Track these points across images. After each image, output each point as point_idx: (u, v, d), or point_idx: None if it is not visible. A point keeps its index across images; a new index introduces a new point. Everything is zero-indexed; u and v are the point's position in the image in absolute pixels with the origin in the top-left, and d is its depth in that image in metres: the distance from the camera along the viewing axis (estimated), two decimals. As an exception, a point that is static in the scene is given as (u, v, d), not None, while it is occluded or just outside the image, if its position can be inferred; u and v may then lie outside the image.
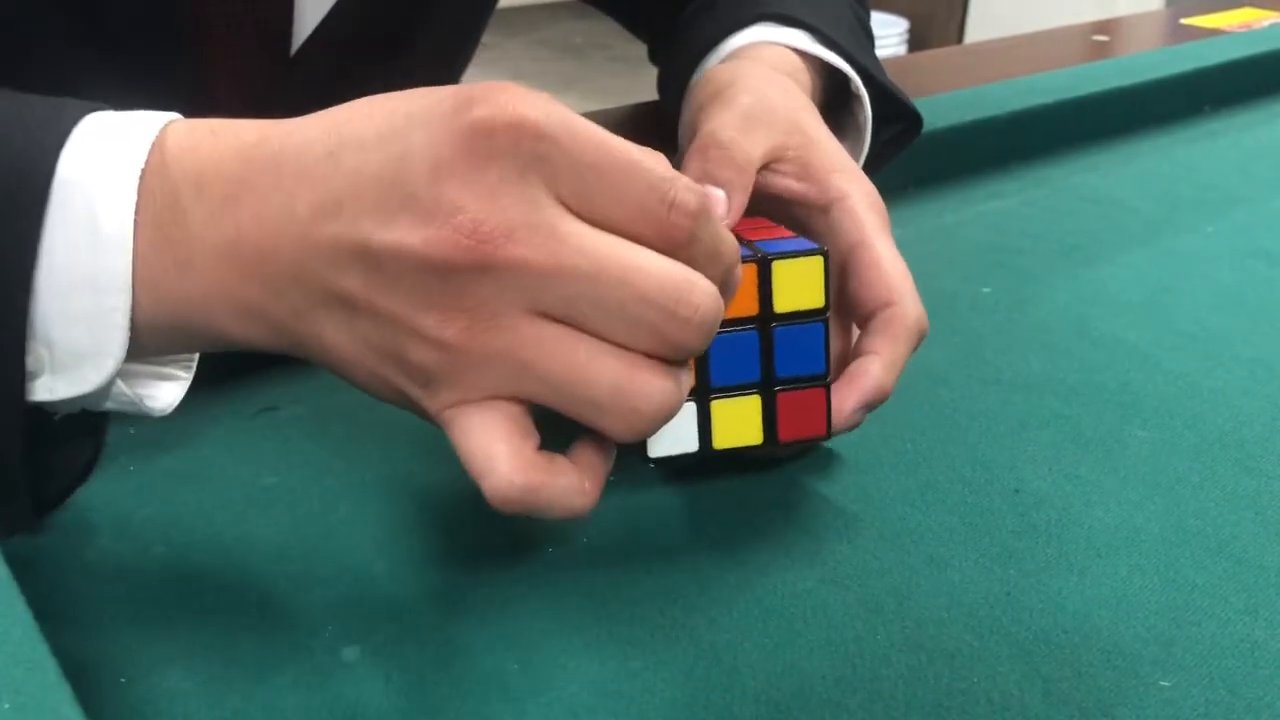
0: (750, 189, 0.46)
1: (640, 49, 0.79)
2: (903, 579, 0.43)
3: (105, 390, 0.36)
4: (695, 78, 0.57)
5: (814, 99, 0.59)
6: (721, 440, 0.42)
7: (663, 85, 0.70)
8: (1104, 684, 0.39)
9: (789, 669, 0.39)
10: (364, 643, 0.39)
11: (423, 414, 0.35)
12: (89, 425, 0.39)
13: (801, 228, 0.49)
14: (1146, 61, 0.95)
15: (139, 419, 0.50)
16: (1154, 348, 0.60)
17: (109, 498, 0.46)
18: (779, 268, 0.40)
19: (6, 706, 0.30)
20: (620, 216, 0.32)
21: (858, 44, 0.63)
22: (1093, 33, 1.09)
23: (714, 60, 0.60)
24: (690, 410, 0.41)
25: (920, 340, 0.45)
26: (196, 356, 0.40)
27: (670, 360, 0.33)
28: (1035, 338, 0.61)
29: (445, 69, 0.73)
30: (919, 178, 0.80)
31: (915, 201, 0.78)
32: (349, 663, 0.39)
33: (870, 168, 0.65)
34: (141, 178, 0.33)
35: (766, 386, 0.41)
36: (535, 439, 0.34)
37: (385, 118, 0.32)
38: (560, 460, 0.35)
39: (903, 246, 0.48)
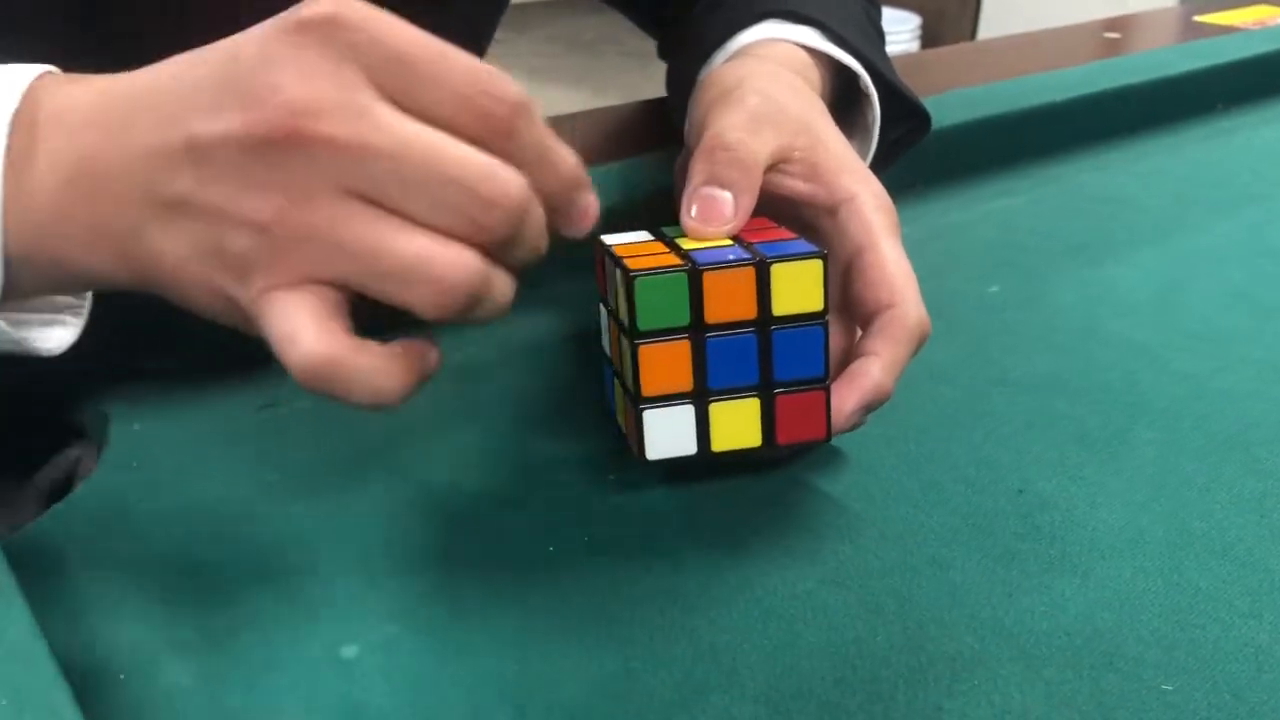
0: (757, 190, 0.46)
1: (651, 45, 0.78)
2: (904, 580, 0.43)
3: None
4: (703, 75, 0.57)
5: (823, 96, 0.59)
6: (720, 442, 0.42)
7: (671, 82, 0.70)
8: (1106, 687, 0.38)
9: (789, 670, 0.39)
10: (363, 641, 0.39)
11: (244, 317, 0.35)
12: None
13: (809, 229, 0.48)
14: (1158, 59, 0.94)
15: (141, 416, 0.51)
16: (1162, 348, 0.59)
17: (112, 493, 0.46)
18: (778, 271, 0.40)
19: (4, 703, 0.31)
20: (436, 104, 0.33)
21: (868, 41, 0.63)
22: (1104, 30, 1.08)
23: (722, 57, 0.59)
24: (689, 413, 0.41)
25: (921, 342, 0.45)
26: (88, 302, 0.42)
27: (482, 247, 0.34)
28: (1042, 337, 0.60)
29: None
30: (928, 176, 0.80)
31: (923, 200, 0.78)
32: (348, 660, 0.38)
33: (878, 166, 0.64)
34: (11, 122, 0.35)
35: (765, 389, 0.41)
36: (346, 321, 0.35)
37: (229, 40, 0.34)
38: (370, 342, 0.35)
39: (909, 245, 0.47)
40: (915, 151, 0.79)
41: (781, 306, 0.40)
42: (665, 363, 0.40)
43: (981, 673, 0.39)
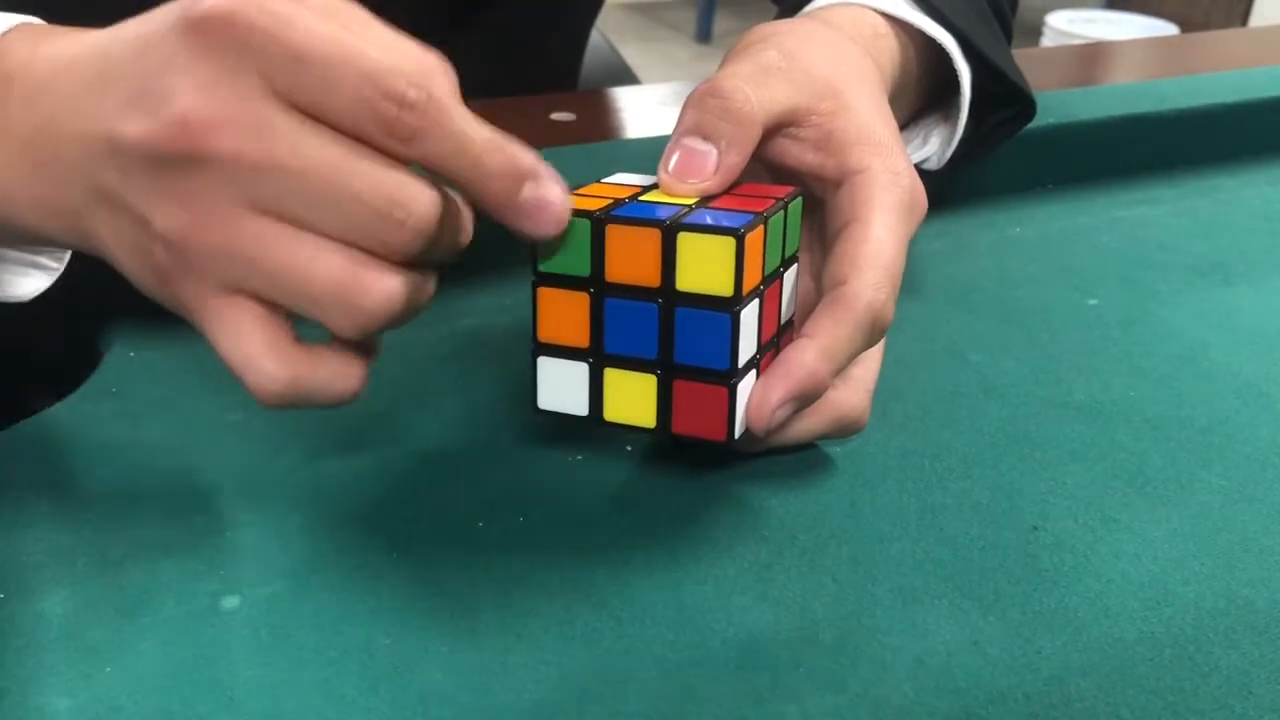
0: (750, 147, 0.40)
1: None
2: (856, 609, 0.37)
3: None
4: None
5: (902, 68, 0.53)
6: (613, 413, 0.38)
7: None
8: (1050, 767, 0.32)
9: (682, 692, 0.34)
10: (248, 594, 0.37)
11: (187, 316, 0.35)
12: None
13: (819, 207, 0.43)
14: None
15: (140, 345, 0.50)
16: (1273, 386, 0.51)
17: (78, 416, 0.46)
18: (685, 241, 0.35)
19: None
20: (336, 109, 0.31)
21: (976, 17, 0.57)
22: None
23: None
24: (583, 371, 0.37)
25: (873, 331, 0.38)
26: (67, 255, 0.43)
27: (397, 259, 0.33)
28: (1129, 360, 0.53)
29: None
30: (1066, 174, 0.72)
31: (1052, 199, 0.70)
32: (225, 611, 0.37)
33: (973, 150, 0.58)
34: None
35: (664, 369, 0.37)
36: (289, 330, 0.34)
37: (149, 15, 0.33)
38: (318, 348, 0.34)
39: (1017, 247, 0.42)
40: (1054, 146, 0.72)
41: (686, 282, 0.36)
42: (563, 312, 0.37)
43: (907, 727, 0.33)
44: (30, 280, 0.41)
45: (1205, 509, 0.43)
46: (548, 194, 0.35)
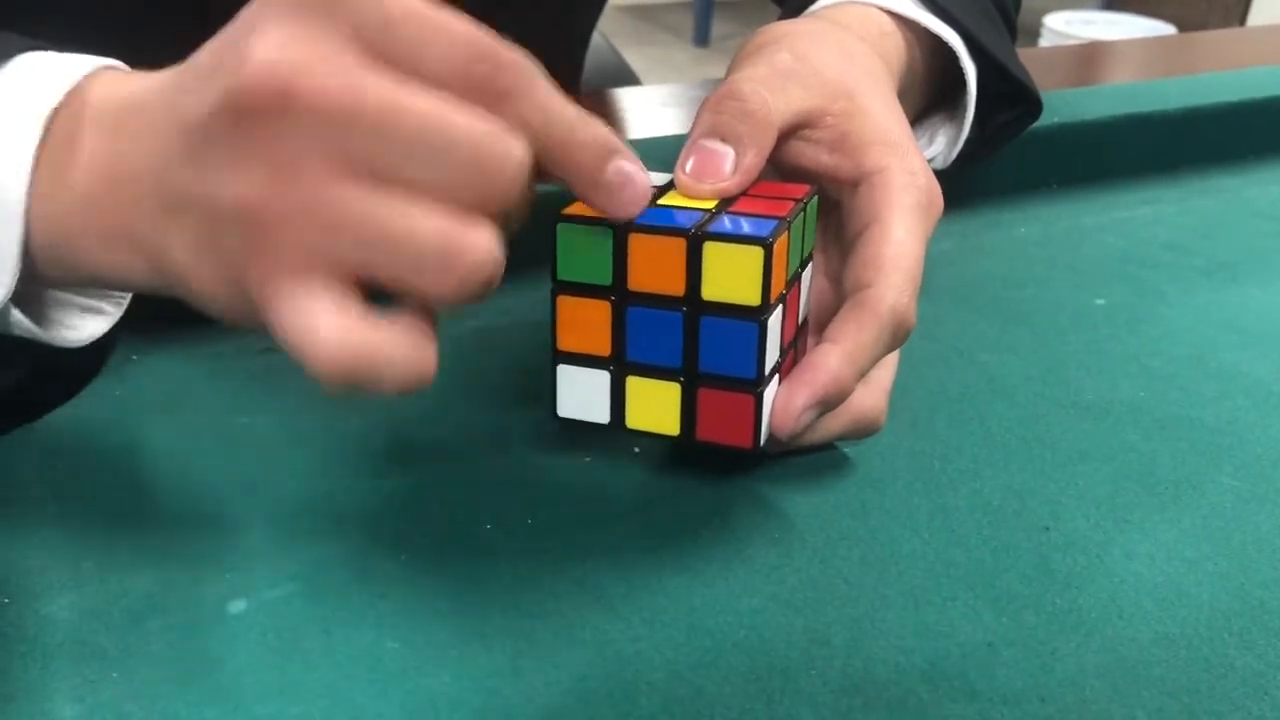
0: (768, 148, 0.40)
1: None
2: (869, 610, 0.37)
3: (3, 318, 0.36)
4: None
5: (909, 67, 0.53)
6: (635, 420, 0.37)
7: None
8: (1067, 769, 0.32)
9: (693, 694, 0.34)
10: (255, 597, 0.37)
11: (260, 314, 0.31)
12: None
13: (835, 208, 0.43)
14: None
15: (143, 348, 0.50)
16: (1282, 386, 0.50)
17: (82, 421, 0.45)
18: (711, 250, 0.35)
19: None
20: (429, 66, 0.30)
21: (982, 16, 0.56)
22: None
23: (800, 20, 0.54)
24: (604, 379, 0.37)
25: (897, 335, 0.38)
26: (128, 298, 0.41)
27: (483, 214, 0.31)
28: (1137, 360, 0.52)
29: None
30: (1070, 173, 0.71)
31: (1056, 199, 0.70)
32: (233, 615, 0.36)
33: (982, 149, 0.58)
34: (52, 117, 0.34)
35: (688, 377, 0.36)
36: (360, 304, 0.30)
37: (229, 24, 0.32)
38: (388, 321, 0.31)
39: (1022, 247, 0.41)
40: (1057, 146, 0.71)
41: (712, 291, 0.35)
42: (583, 320, 0.36)
43: (921, 729, 0.33)
44: (89, 324, 0.39)
45: (1217, 509, 0.43)
46: (631, 170, 0.34)
